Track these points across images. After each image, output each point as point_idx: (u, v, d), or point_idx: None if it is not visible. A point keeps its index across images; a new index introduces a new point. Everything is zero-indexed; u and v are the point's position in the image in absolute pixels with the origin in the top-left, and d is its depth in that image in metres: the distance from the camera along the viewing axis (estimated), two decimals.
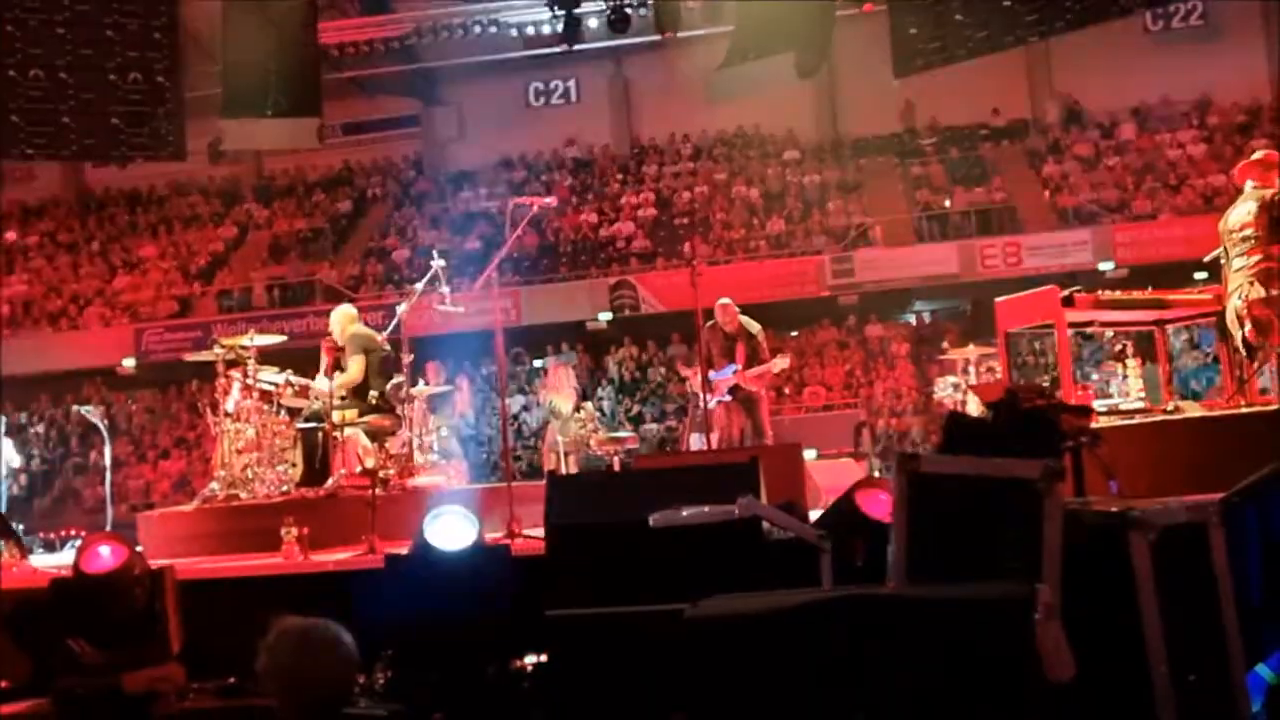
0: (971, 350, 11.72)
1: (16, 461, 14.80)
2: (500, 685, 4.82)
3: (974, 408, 10.53)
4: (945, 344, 16.46)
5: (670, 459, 8.91)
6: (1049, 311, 7.62)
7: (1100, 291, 7.81)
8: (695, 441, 11.68)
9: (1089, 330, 8.88)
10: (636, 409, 20.92)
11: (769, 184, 25.41)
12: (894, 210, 24.25)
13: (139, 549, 5.82)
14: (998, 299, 8.29)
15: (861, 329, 22.67)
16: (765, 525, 4.43)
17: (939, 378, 13.39)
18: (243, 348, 8.65)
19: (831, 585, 3.88)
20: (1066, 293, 7.49)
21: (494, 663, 4.89)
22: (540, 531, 5.09)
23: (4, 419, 13.61)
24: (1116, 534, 3.32)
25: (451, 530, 5.13)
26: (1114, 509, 3.49)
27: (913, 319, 23.79)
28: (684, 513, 3.99)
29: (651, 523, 4.03)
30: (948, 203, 24.02)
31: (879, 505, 4.43)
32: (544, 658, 4.84)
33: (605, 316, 22.87)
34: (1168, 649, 3.26)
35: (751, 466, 4.79)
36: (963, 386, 11.42)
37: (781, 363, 10.38)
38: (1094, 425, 4.83)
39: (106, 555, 5.21)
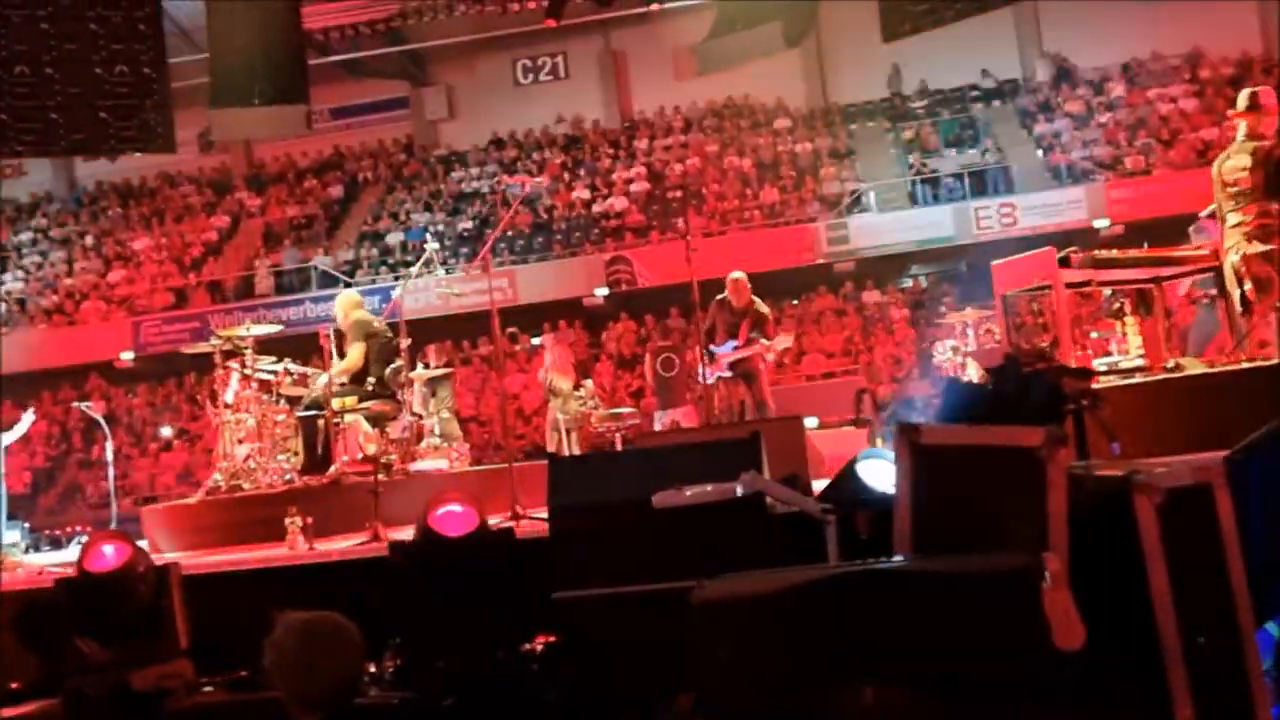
0: (969, 313, 11.69)
1: None
2: (510, 669, 4.81)
3: (974, 371, 10.53)
4: (943, 308, 16.42)
5: (672, 435, 8.88)
6: (1046, 273, 7.58)
7: (1096, 251, 7.78)
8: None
9: (1086, 290, 8.83)
10: (637, 384, 20.88)
11: (761, 154, 25.30)
12: (887, 175, 24.17)
13: (143, 544, 5.80)
14: (994, 262, 8.25)
15: (859, 295, 22.64)
16: (769, 499, 4.42)
17: (938, 342, 13.35)
18: (240, 338, 8.63)
19: (837, 558, 3.87)
20: (1063, 254, 7.45)
21: (503, 646, 4.88)
22: (544, 513, 5.07)
23: None
24: (1121, 497, 3.31)
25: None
26: (1118, 472, 3.47)
27: (910, 283, 23.74)
28: (687, 492, 3.97)
29: (655, 504, 4.02)
30: (940, 165, 23.96)
31: (881, 476, 4.40)
32: (553, 640, 4.83)
33: (602, 292, 22.83)
34: (1176, 610, 3.25)
35: (753, 441, 4.75)
36: (961, 350, 11.40)
37: (785, 341, 10.32)
38: (1095, 386, 4.80)
39: (110, 554, 5.20)
